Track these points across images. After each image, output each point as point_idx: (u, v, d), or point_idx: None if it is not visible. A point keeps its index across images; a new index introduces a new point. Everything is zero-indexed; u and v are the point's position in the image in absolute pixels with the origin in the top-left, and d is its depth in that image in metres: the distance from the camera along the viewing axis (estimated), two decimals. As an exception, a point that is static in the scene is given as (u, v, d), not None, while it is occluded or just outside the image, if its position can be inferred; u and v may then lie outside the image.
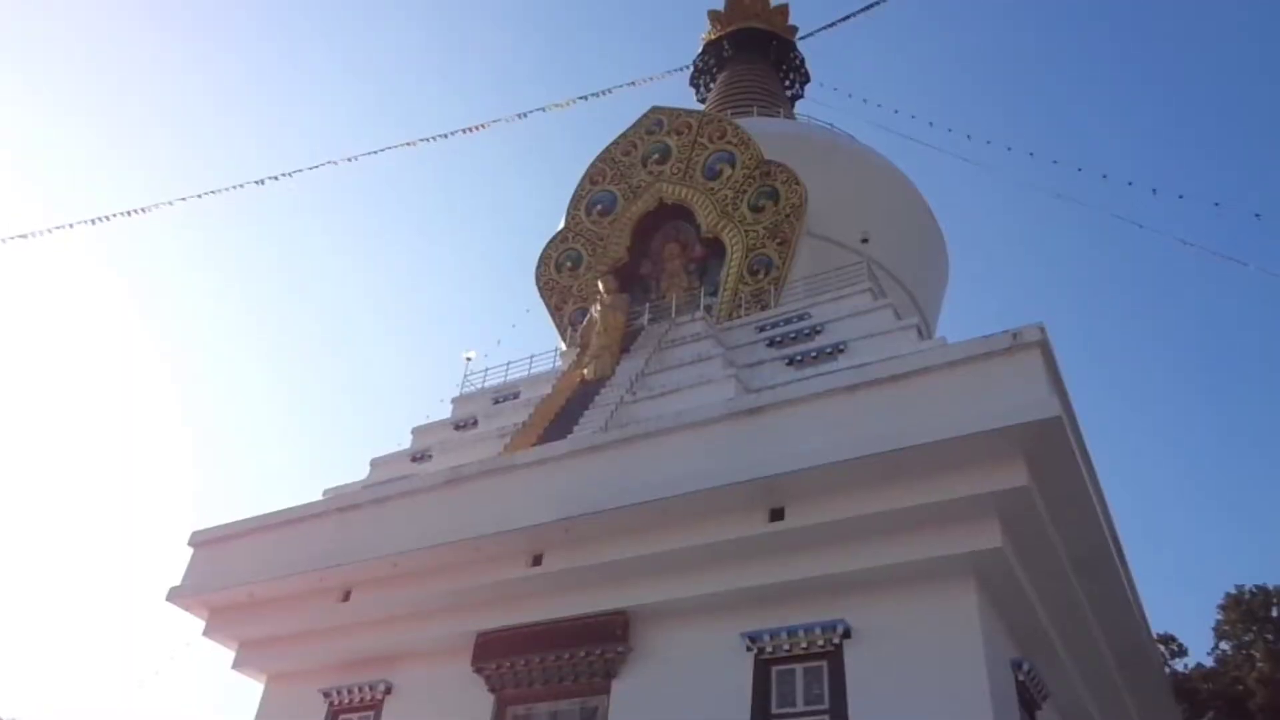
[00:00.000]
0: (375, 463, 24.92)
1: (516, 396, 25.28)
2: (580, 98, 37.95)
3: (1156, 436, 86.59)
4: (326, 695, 20.39)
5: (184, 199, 28.86)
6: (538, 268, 29.83)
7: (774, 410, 17.00)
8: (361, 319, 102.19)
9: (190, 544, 22.54)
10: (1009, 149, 33.03)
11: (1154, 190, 28.03)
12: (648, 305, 26.78)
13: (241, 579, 20.91)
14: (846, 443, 15.63)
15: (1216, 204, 27.27)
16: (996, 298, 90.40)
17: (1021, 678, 16.46)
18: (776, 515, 16.32)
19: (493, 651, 18.61)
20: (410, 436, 25.74)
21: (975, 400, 15.09)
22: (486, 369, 27.47)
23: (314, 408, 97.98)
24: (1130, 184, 28.66)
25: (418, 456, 24.12)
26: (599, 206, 29.73)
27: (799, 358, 21.39)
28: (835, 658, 15.80)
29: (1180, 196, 27.19)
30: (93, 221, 26.13)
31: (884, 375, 16.34)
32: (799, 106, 41.75)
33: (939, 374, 15.84)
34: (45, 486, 77.94)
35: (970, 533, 15.23)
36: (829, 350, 21.13)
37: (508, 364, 27.18)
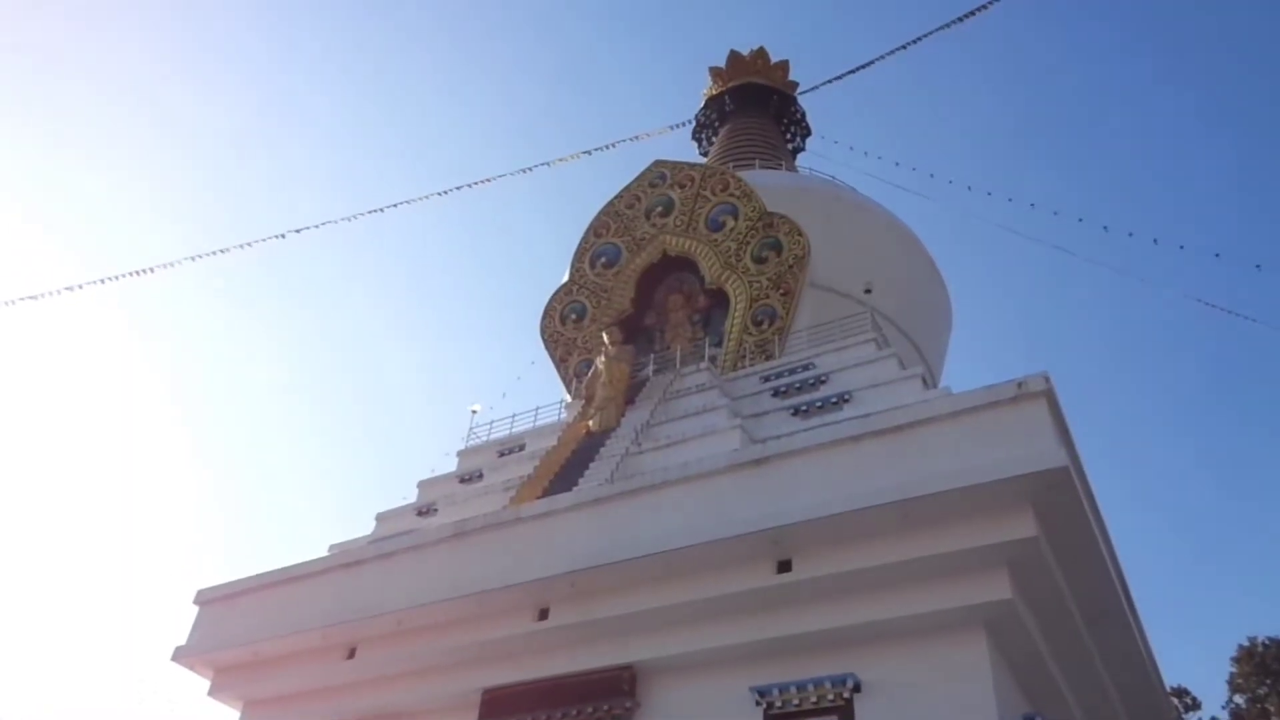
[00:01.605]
0: (381, 517, 24.86)
1: (522, 449, 25.28)
2: (584, 152, 38.59)
3: (1165, 487, 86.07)
4: (331, 756, 20.11)
5: (193, 258, 29.16)
6: (542, 320, 30.02)
7: (780, 460, 17.01)
8: (366, 373, 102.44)
9: (196, 602, 22.40)
10: (1010, 200, 33.44)
11: (1155, 240, 28.31)
12: (652, 356, 26.90)
13: (247, 638, 20.76)
14: (853, 493, 15.61)
15: (1217, 255, 27.57)
16: (1000, 349, 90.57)
17: (1034, 732, 16.22)
18: (784, 567, 16.24)
19: (500, 708, 18.40)
20: (416, 490, 25.71)
21: (982, 450, 15.10)
22: (492, 421, 27.54)
23: (319, 463, 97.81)
24: (1131, 235, 28.95)
25: (423, 510, 24.05)
26: (603, 259, 30.02)
27: (804, 407, 21.43)
28: (846, 712, 15.60)
29: (1181, 247, 27.48)
30: (102, 281, 26.40)
31: (889, 425, 16.37)
32: (800, 159, 42.35)
33: (944, 424, 15.88)
34: (51, 537, 77.61)
35: (979, 584, 15.14)
36: (834, 400, 21.16)
37: (513, 416, 27.26)
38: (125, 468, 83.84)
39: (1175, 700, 32.71)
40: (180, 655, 21.53)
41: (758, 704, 16.15)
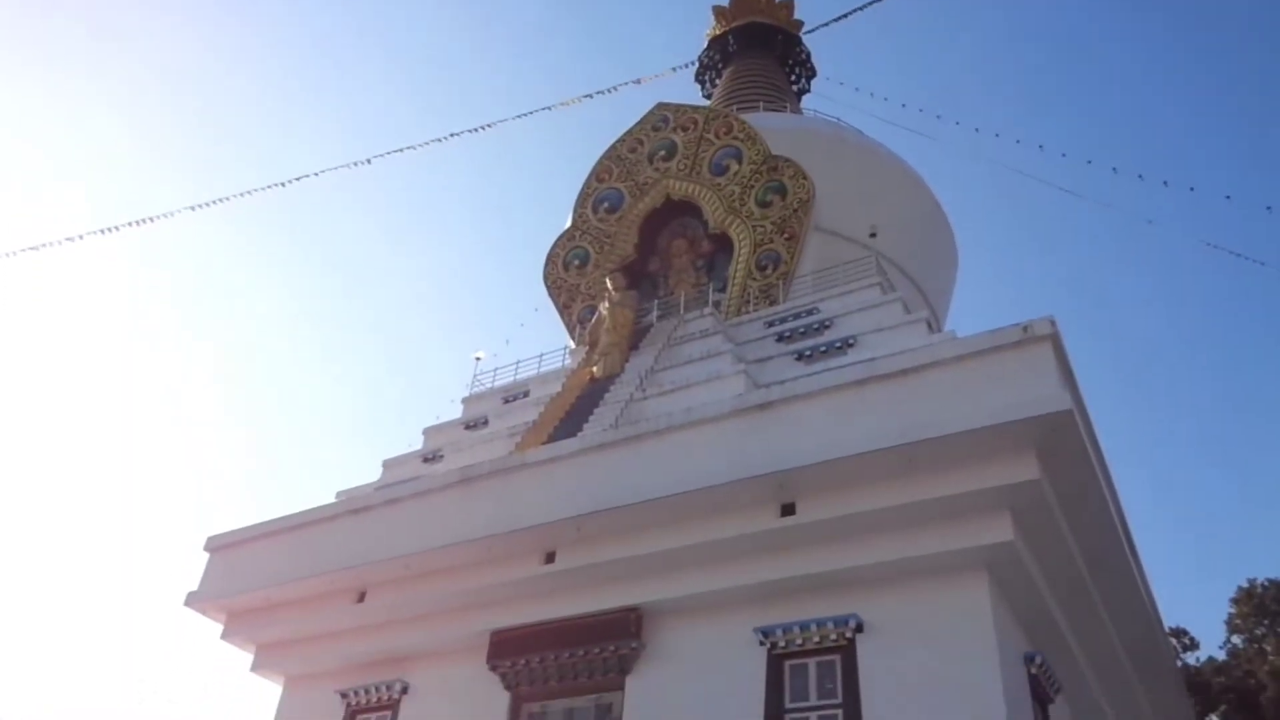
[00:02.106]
0: (387, 464, 25.05)
1: (526, 395, 25.36)
2: (585, 96, 37.95)
3: (1168, 430, 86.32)
4: (344, 696, 20.53)
5: (193, 207, 28.97)
6: (545, 266, 29.90)
7: (784, 405, 17.04)
8: (370, 321, 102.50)
9: (206, 548, 22.70)
10: (1018, 142, 33.00)
11: (1165, 183, 27.95)
12: (656, 302, 26.84)
13: (258, 583, 21.06)
14: (857, 437, 15.67)
15: (1228, 197, 27.19)
16: (1006, 292, 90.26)
17: (1034, 671, 16.49)
18: (788, 510, 16.37)
19: (507, 650, 18.72)
20: (421, 437, 25.87)
21: (985, 394, 15.11)
22: (496, 369, 27.59)
23: (325, 409, 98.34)
24: (1141, 177, 28.56)
25: (429, 457, 24.23)
26: (606, 204, 29.78)
27: (808, 352, 21.42)
28: (848, 652, 15.86)
29: (1191, 189, 27.13)
30: (102, 231, 26.26)
31: (894, 369, 16.37)
32: (805, 101, 41.75)
33: (949, 368, 15.86)
34: (45, 490, 78.46)
35: (982, 527, 15.27)
36: (838, 345, 21.15)
37: (517, 363, 27.30)
38: (130, 421, 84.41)
39: (1174, 641, 33.16)
40: (193, 600, 21.89)
41: (761, 644, 16.41)
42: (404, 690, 19.98)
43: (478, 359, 28.16)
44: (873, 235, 26.36)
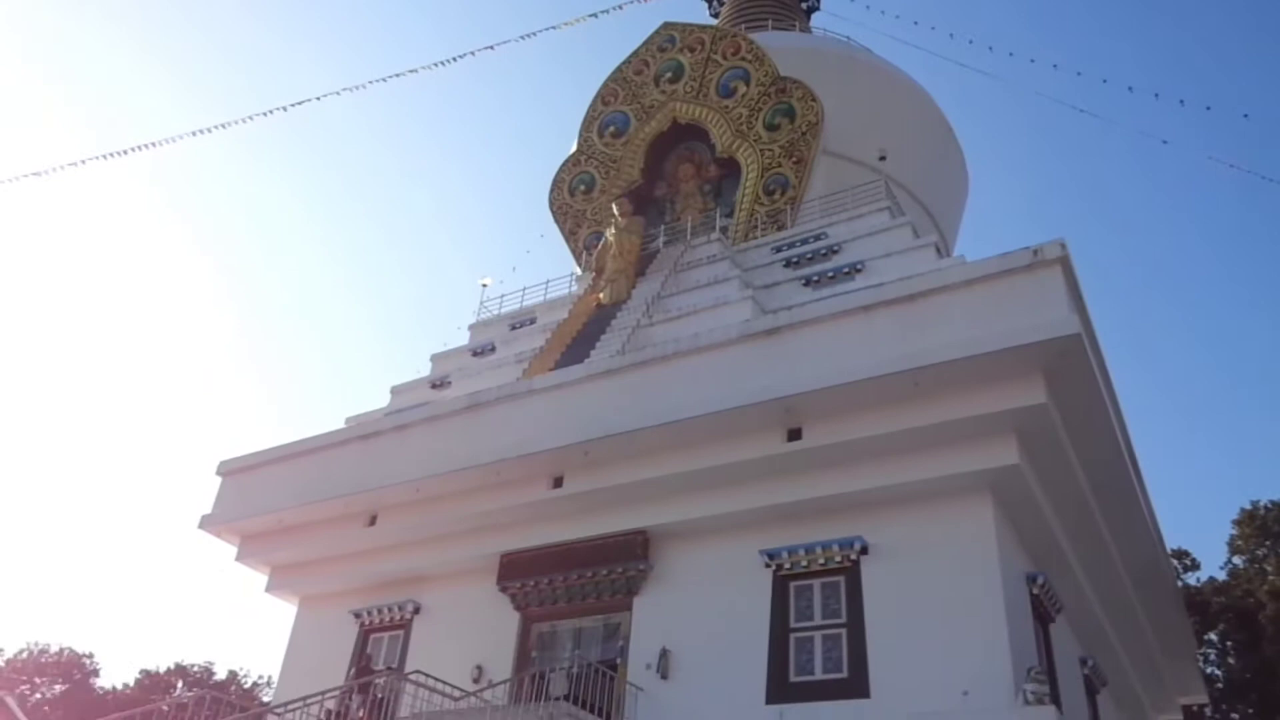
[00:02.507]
0: (396, 390, 25.17)
1: (533, 322, 25.34)
2: (590, 15, 37.00)
3: (1175, 352, 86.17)
4: (357, 616, 20.99)
5: (195, 132, 28.55)
6: (551, 192, 29.59)
7: (791, 331, 17.00)
8: (376, 248, 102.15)
9: (219, 473, 22.98)
10: (1032, 61, 32.25)
11: (1181, 102, 27.33)
12: (663, 228, 26.60)
13: (269, 506, 21.37)
14: (864, 362, 15.66)
15: (1246, 115, 26.67)
16: (1016, 216, 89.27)
17: (1036, 591, 16.73)
18: (794, 435, 16.45)
19: (517, 571, 19.05)
20: (429, 364, 25.93)
21: (994, 318, 15.03)
22: (503, 295, 27.52)
23: (333, 337, 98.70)
24: (1157, 96, 27.93)
25: (437, 383, 24.32)
26: (611, 128, 29.31)
27: (816, 278, 21.28)
28: (852, 573, 16.10)
29: (1208, 108, 26.52)
30: (105, 156, 25.92)
31: (901, 294, 16.27)
32: (815, 20, 40.67)
33: (957, 292, 15.76)
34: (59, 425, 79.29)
35: (987, 450, 15.34)
36: (846, 270, 21.00)
37: (524, 289, 27.24)
38: (142, 346, 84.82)
39: (1175, 562, 33.54)
40: (206, 523, 22.25)
41: (767, 566, 16.66)
42: (416, 610, 20.41)
43: (484, 285, 28.09)
44: (882, 158, 25.91)
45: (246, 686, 44.41)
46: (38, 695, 40.86)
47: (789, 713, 15.22)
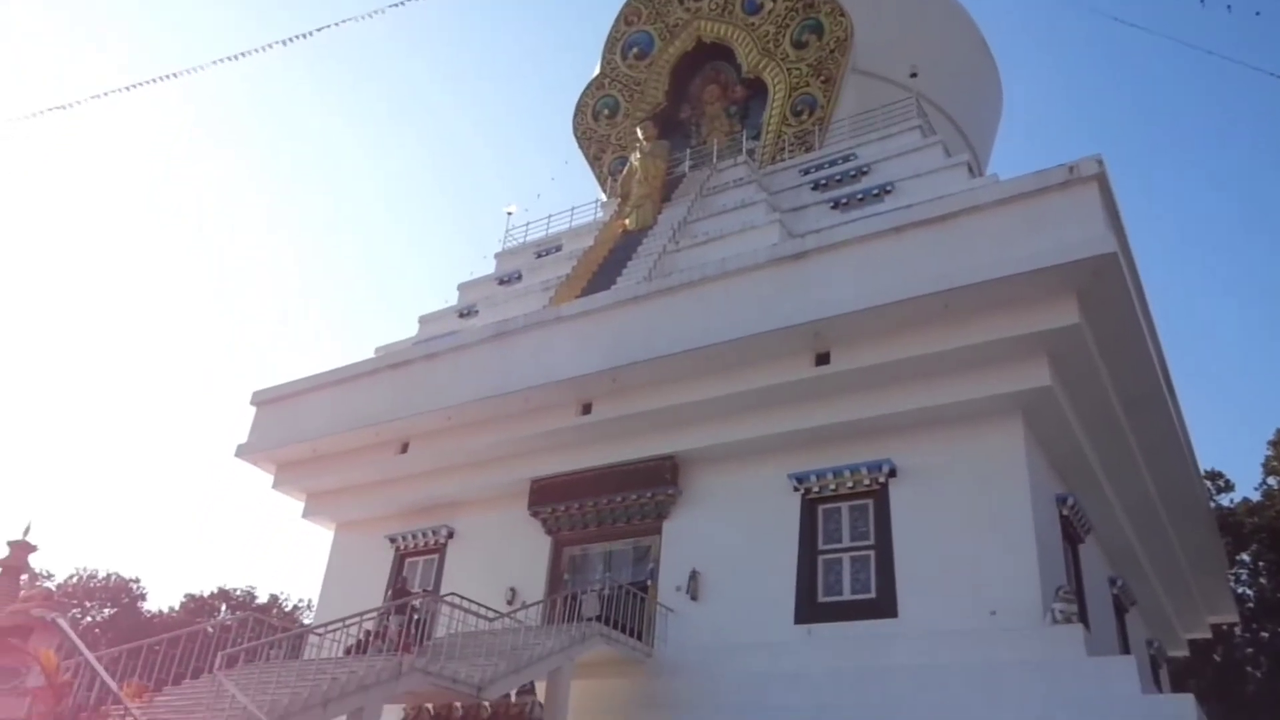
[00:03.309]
0: (424, 319, 25.26)
1: (559, 249, 25.21)
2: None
3: (1212, 270, 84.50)
4: (392, 541, 21.43)
5: (216, 61, 28.28)
6: (574, 117, 29.11)
7: (819, 254, 16.78)
8: (403, 178, 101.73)
9: (253, 403, 23.32)
10: (1068, -32, 30.87)
11: (1229, 7, 26.08)
12: (688, 151, 26.17)
13: (303, 435, 21.70)
14: (893, 285, 15.45)
15: (1295, 21, 25.35)
16: (1051, 134, 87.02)
17: (1066, 512, 16.72)
18: (822, 359, 16.36)
19: (547, 497, 19.30)
20: (456, 293, 25.96)
21: (1027, 238, 14.73)
22: (528, 223, 27.37)
23: (361, 268, 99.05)
24: (1203, 2, 26.69)
25: (464, 312, 24.37)
26: (635, 49, 28.65)
27: (845, 200, 20.92)
28: (881, 496, 16.15)
29: (1258, 14, 25.26)
30: (128, 88, 25.75)
31: (932, 215, 15.97)
32: (844, -68, 39.19)
33: (990, 212, 15.45)
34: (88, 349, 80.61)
35: (1018, 372, 15.19)
36: (875, 191, 20.61)
37: (549, 217, 27.04)
38: (178, 277, 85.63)
39: (1208, 483, 33.33)
40: (243, 452, 22.65)
41: (795, 489, 16.74)
42: (450, 535, 20.80)
43: (509, 213, 27.92)
44: (913, 75, 25.17)
45: (287, 610, 45.77)
46: (88, 619, 42.38)
47: (817, 631, 15.45)
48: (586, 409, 18.63)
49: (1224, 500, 34.77)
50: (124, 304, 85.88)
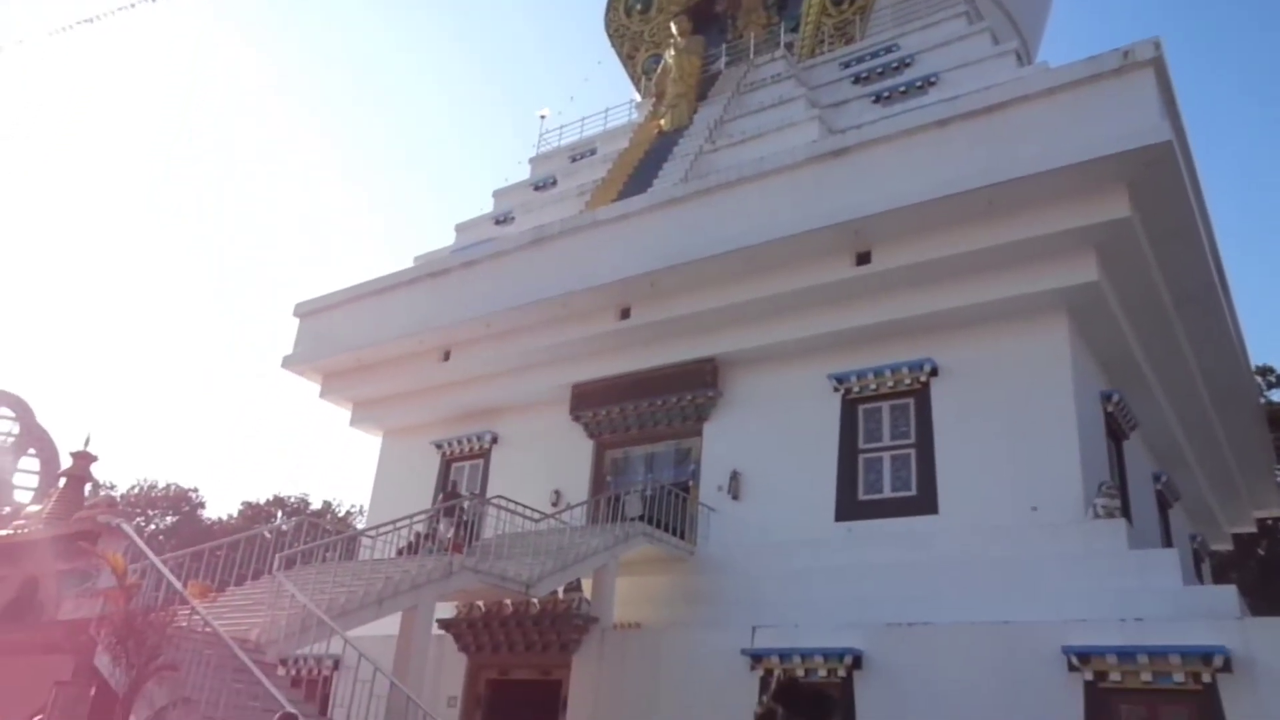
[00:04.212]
0: (460, 228, 25.23)
1: (594, 153, 24.87)
2: None
3: (1270, 161, 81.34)
4: (438, 447, 21.86)
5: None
6: (606, 13, 28.28)
7: (860, 150, 16.38)
8: (435, 83, 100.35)
9: (296, 314, 23.62)
10: None
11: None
12: (724, 47, 25.43)
13: (346, 345, 22.00)
14: (938, 180, 15.07)
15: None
16: (1104, 17, 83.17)
17: (1110, 409, 16.57)
18: (863, 259, 16.14)
19: (589, 401, 19.49)
20: (492, 200, 25.83)
21: (1077, 128, 14.22)
22: (562, 126, 26.97)
23: (395, 177, 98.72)
24: None
25: (500, 219, 24.28)
26: (668, -60, 27.59)
27: (887, 93, 20.30)
28: (922, 395, 16.09)
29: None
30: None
31: (978, 107, 15.46)
32: None
33: (1039, 102, 14.91)
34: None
35: (1065, 268, 14.87)
36: (919, 84, 19.95)
37: (583, 119, 26.63)
38: (215, 188, 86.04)
39: (1259, 378, 32.75)
40: (289, 363, 23.06)
41: (836, 390, 16.73)
42: (494, 440, 21.16)
43: (542, 117, 27.53)
44: (959, -42, 24.01)
45: (340, 515, 47.21)
46: (151, 526, 44.09)
47: (857, 529, 15.62)
48: (625, 313, 18.63)
49: (1275, 395, 34.22)
50: (170, 221, 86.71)
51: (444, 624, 15.92)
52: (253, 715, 9.85)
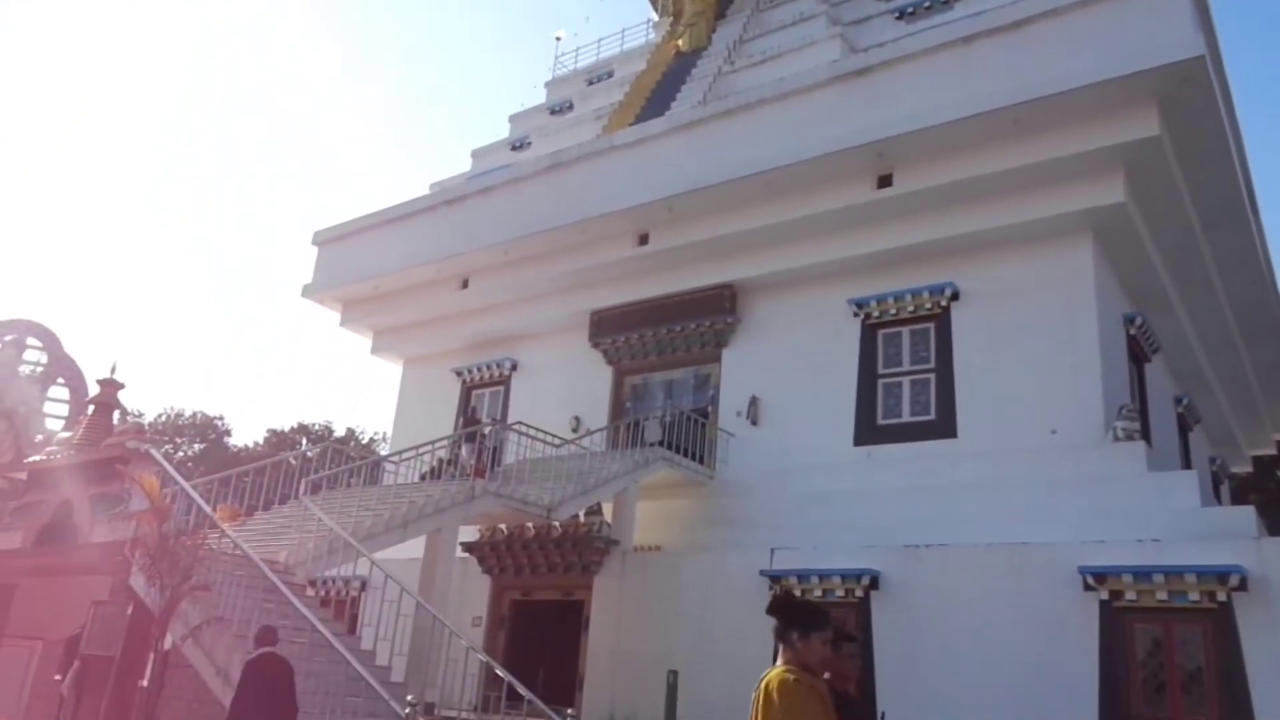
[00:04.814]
0: (476, 154, 25.02)
1: (610, 75, 24.46)
2: None
3: (1309, 77, 78.77)
4: (459, 374, 22.02)
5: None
6: (622, -70, 27.56)
7: (882, 70, 16.02)
8: (447, 6, 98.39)
9: (314, 243, 23.63)
10: None
11: None
12: (743, -38, 24.75)
13: (365, 273, 22.04)
14: (963, 99, 14.74)
15: None
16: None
17: (1133, 332, 16.43)
18: (885, 181, 15.90)
19: (607, 328, 19.51)
20: (507, 125, 25.54)
21: (1106, 43, 13.82)
22: (578, 49, 26.59)
23: (410, 103, 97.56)
24: None
25: (517, 145, 24.04)
26: None
27: (910, 10, 19.76)
28: (942, 320, 16.00)
29: None
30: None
31: (1004, 22, 15.04)
32: None
33: (1067, 16, 14.47)
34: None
35: (1091, 189, 14.61)
36: (943, 0, 19.39)
37: (599, 41, 26.29)
38: (234, 113, 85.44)
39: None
40: (309, 292, 23.16)
41: (855, 315, 16.66)
42: (514, 367, 21.28)
43: (558, 39, 27.07)
44: None
45: (364, 442, 47.88)
46: (179, 454, 44.88)
47: (876, 453, 15.70)
48: (644, 239, 18.52)
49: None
50: (189, 153, 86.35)
51: (467, 547, 16.24)
52: (284, 634, 10.14)
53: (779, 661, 3.37)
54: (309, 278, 23.34)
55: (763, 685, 3.26)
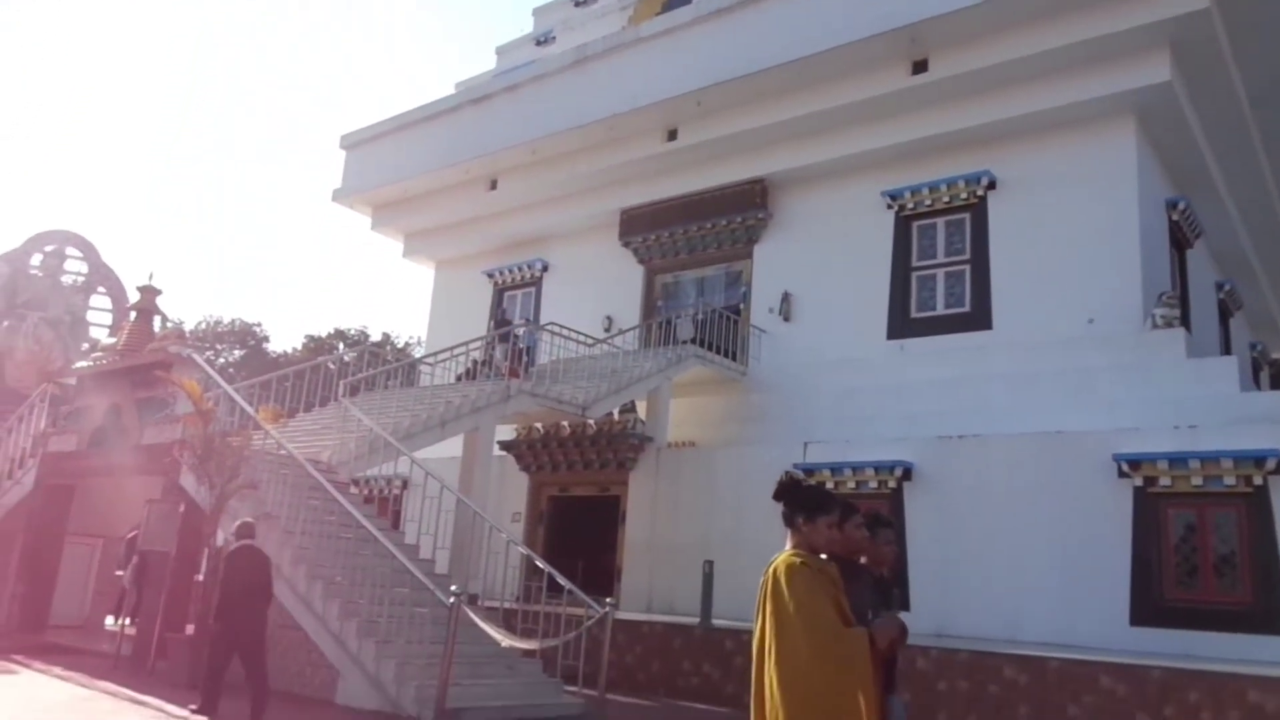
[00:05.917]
0: (500, 50, 24.54)
1: (635, -38, 23.65)
2: None
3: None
4: (490, 276, 22.07)
5: None
6: None
7: (919, -52, 15.34)
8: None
9: (342, 147, 23.50)
10: None
11: None
12: None
13: (393, 177, 21.94)
14: (1001, -23, 14.12)
15: None
16: None
17: (1175, 217, 16.04)
18: (920, 67, 15.43)
19: (637, 226, 19.37)
20: (531, 19, 24.93)
21: (1156, -90, 13.11)
22: (601, -66, 25.55)
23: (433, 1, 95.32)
24: None
25: (541, 40, 23.53)
26: None
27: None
28: (978, 209, 15.71)
29: None
30: None
31: (1049, -110, 14.26)
32: None
33: (1115, -118, 13.69)
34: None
35: (1135, 69, 14.09)
36: None
37: (623, -75, 25.14)
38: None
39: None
40: (338, 196, 23.16)
41: (889, 207, 16.40)
42: (545, 268, 21.28)
43: (580, -74, 26.05)
44: None
45: (400, 346, 48.48)
46: (220, 360, 45.77)
47: (909, 346, 15.65)
48: (672, 135, 18.21)
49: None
50: (211, 62, 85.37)
51: (505, 445, 16.55)
52: (330, 530, 10.50)
53: (787, 545, 3.43)
54: (339, 183, 23.31)
55: (770, 570, 3.32)
